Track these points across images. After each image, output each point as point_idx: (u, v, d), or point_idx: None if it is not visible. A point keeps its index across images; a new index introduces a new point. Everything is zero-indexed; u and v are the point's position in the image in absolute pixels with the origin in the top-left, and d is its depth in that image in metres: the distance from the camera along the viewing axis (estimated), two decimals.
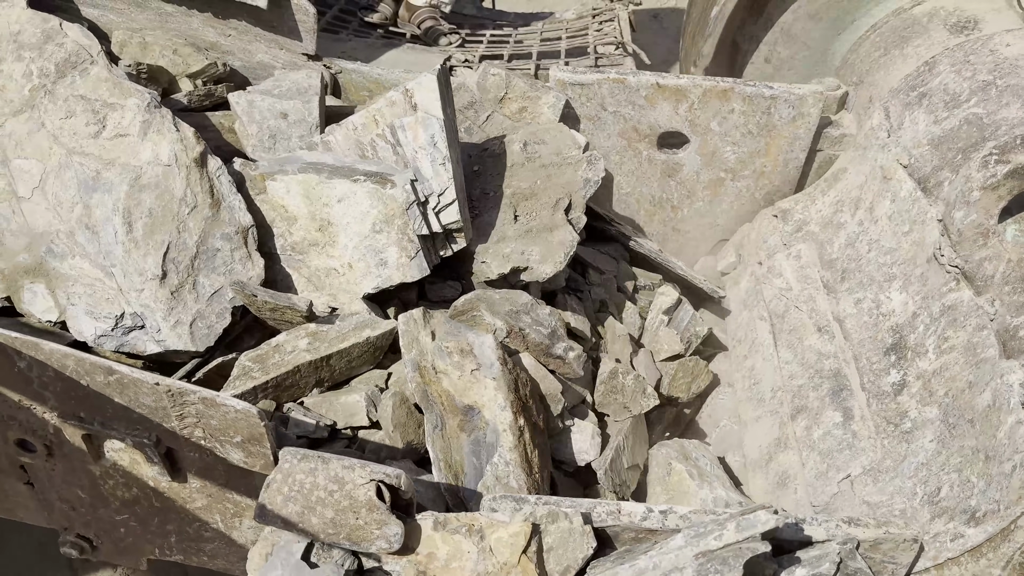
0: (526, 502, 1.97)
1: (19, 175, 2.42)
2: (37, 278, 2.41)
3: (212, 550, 2.34)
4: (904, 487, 2.19)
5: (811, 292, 2.84)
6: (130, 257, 2.35)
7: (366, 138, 2.59)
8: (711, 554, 1.70)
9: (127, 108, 2.41)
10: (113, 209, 2.36)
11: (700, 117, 3.23)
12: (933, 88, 2.85)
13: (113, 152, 2.40)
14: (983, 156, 2.43)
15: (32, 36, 2.50)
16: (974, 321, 2.29)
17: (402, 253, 2.51)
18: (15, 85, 2.47)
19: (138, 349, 2.39)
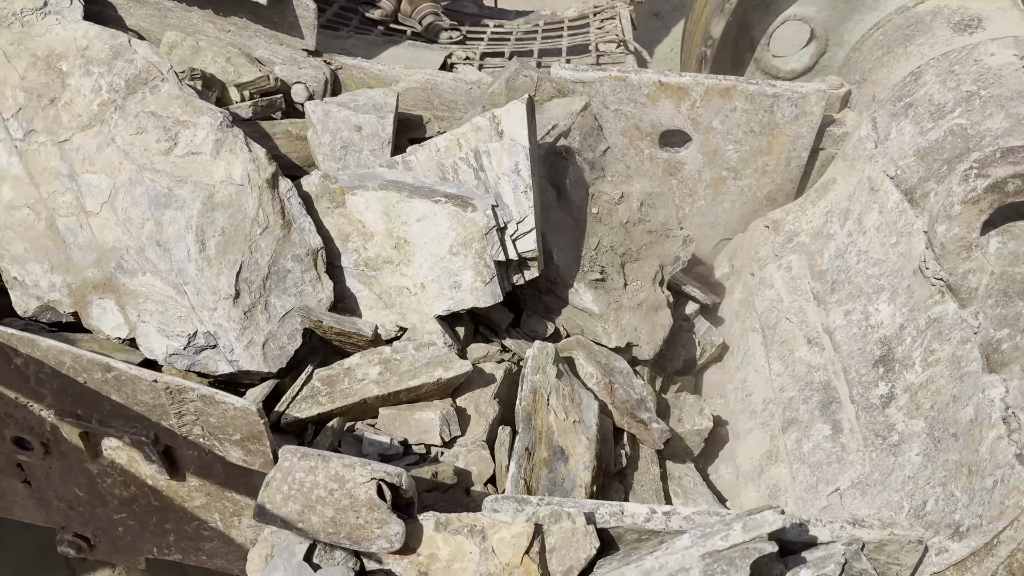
0: (528, 503, 1.96)
1: (88, 190, 2.40)
2: (106, 293, 2.39)
3: (211, 549, 2.33)
4: (891, 500, 2.20)
5: (801, 303, 2.84)
6: (203, 275, 2.33)
7: (448, 160, 2.57)
8: (718, 554, 1.69)
9: (199, 126, 2.41)
10: (186, 227, 2.35)
11: (702, 115, 3.21)
12: (919, 98, 2.84)
13: (185, 170, 2.39)
14: (964, 170, 2.43)
15: (101, 51, 2.50)
16: (958, 334, 2.29)
17: (477, 277, 2.51)
18: (84, 100, 2.45)
19: (209, 369, 2.37)
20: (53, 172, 2.43)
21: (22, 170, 2.45)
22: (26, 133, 2.46)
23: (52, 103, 2.46)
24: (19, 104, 2.47)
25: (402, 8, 4.52)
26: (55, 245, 2.43)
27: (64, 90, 2.47)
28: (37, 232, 2.44)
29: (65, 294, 2.42)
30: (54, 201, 2.43)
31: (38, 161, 2.44)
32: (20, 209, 2.44)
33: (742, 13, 3.77)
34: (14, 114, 2.47)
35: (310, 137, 2.82)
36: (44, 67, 2.50)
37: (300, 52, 3.41)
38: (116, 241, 2.39)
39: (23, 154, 2.45)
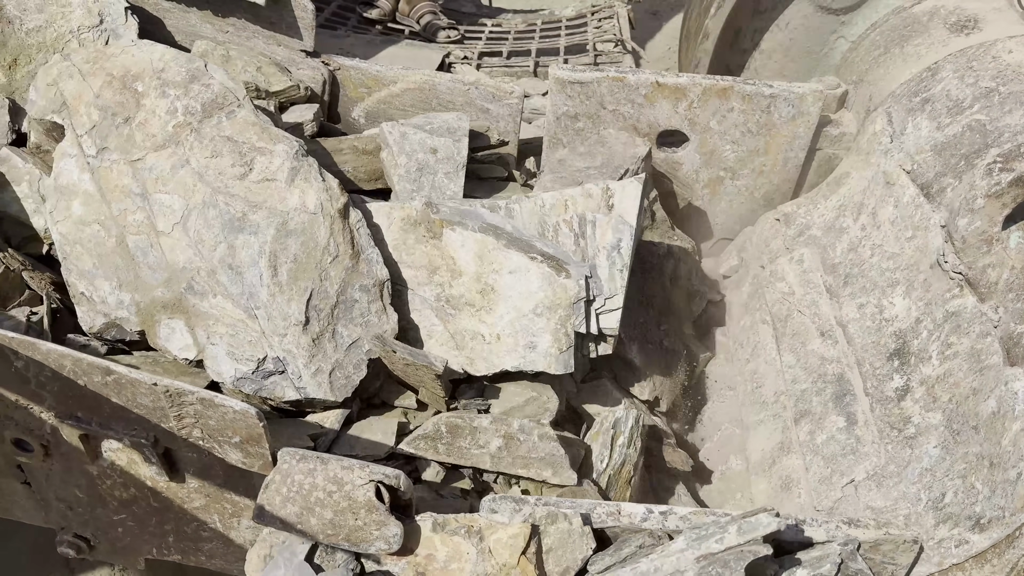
0: (525, 503, 1.97)
1: (160, 210, 2.42)
2: (175, 314, 2.40)
3: (210, 550, 2.33)
4: (908, 492, 2.19)
5: (814, 296, 2.83)
6: (275, 301, 2.34)
7: (551, 219, 2.55)
8: (712, 557, 1.70)
9: (275, 154, 2.43)
10: (259, 252, 2.36)
11: (699, 115, 3.22)
12: (936, 94, 2.84)
13: (260, 195, 2.40)
14: (987, 164, 2.43)
15: (177, 75, 2.53)
16: (978, 328, 2.29)
17: (554, 344, 2.47)
18: (159, 121, 2.48)
19: (276, 395, 2.36)
20: (125, 190, 2.45)
21: (93, 187, 2.47)
22: (99, 150, 2.48)
23: (126, 122, 2.49)
24: (93, 121, 2.50)
25: (400, 8, 4.52)
26: (124, 263, 2.44)
27: (139, 110, 2.50)
28: (107, 249, 2.45)
29: (133, 312, 2.42)
30: (125, 219, 2.44)
31: (110, 178, 2.46)
32: (90, 225, 2.46)
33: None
34: (88, 131, 2.50)
35: (384, 158, 2.82)
36: (120, 86, 2.53)
37: (298, 53, 3.42)
38: (187, 262, 2.39)
39: (95, 171, 2.47)
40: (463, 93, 3.39)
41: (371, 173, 2.90)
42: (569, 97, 3.27)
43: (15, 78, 3.01)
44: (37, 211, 2.75)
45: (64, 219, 2.48)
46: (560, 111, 3.31)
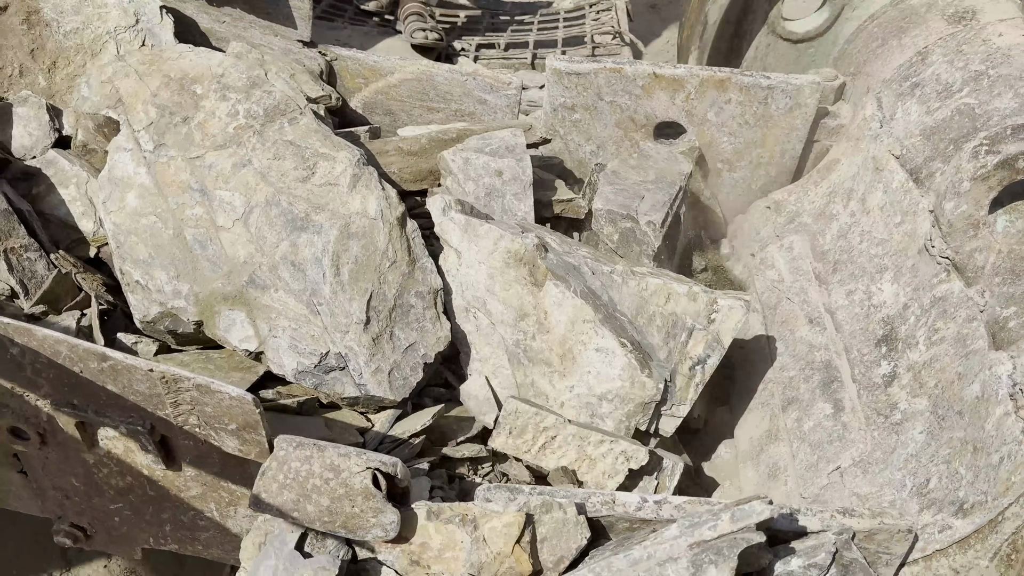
0: (520, 492, 1.98)
1: (220, 206, 2.47)
2: (236, 305, 2.44)
3: (207, 539, 2.34)
4: (894, 479, 2.20)
5: (803, 284, 2.84)
6: (337, 299, 2.39)
7: (649, 305, 2.53)
8: (705, 544, 1.70)
9: (338, 160, 2.52)
10: (323, 251, 2.42)
11: (697, 107, 3.22)
12: (926, 78, 2.84)
13: (323, 198, 2.47)
14: (974, 147, 2.43)
15: (237, 80, 2.63)
16: (964, 312, 2.29)
17: (616, 432, 2.51)
18: (219, 122, 2.55)
19: (336, 391, 2.41)
20: (183, 185, 2.50)
21: (150, 180, 2.52)
22: (156, 146, 2.54)
23: (185, 121, 2.56)
24: (151, 119, 2.57)
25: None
26: (182, 254, 2.47)
27: (198, 111, 2.58)
28: (163, 239, 2.48)
29: (191, 302, 2.45)
30: (183, 213, 2.49)
31: (167, 174, 2.52)
32: (146, 216, 2.50)
33: None
34: (145, 127, 2.57)
35: (450, 185, 2.84)
36: (177, 88, 2.61)
37: (295, 43, 3.41)
38: (248, 257, 2.44)
39: (151, 165, 2.52)
40: (461, 84, 3.39)
41: (416, 174, 2.93)
42: (566, 88, 3.27)
43: (54, 81, 3.06)
44: (85, 214, 2.79)
45: (118, 210, 2.52)
46: (557, 102, 3.31)
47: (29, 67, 3.00)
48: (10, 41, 2.97)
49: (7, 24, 2.95)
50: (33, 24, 2.99)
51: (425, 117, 3.46)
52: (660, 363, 2.48)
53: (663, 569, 1.67)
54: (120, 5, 3.05)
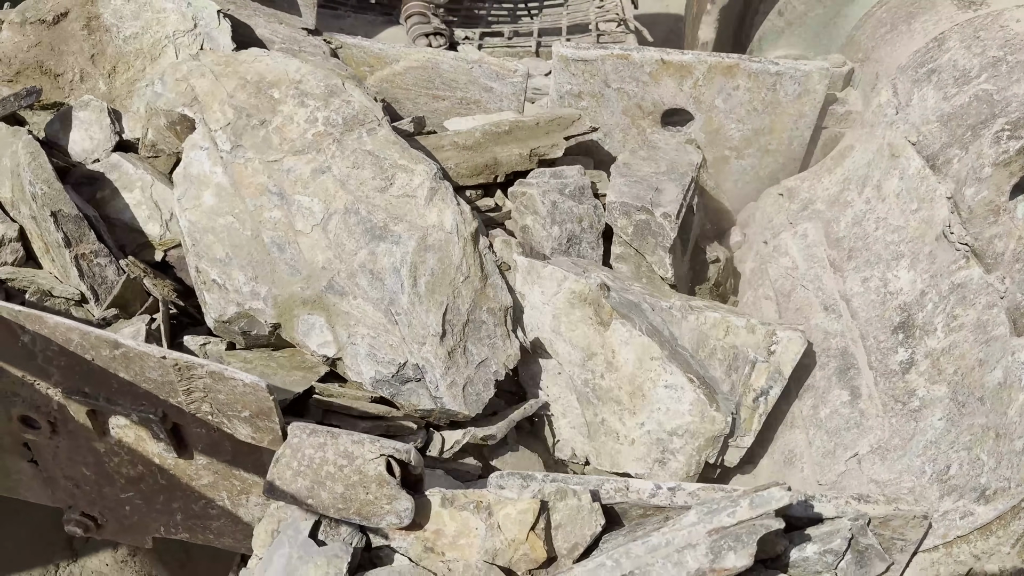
0: (533, 479, 1.97)
1: (299, 211, 2.47)
2: (316, 310, 2.42)
3: (218, 528, 2.33)
4: (913, 465, 2.19)
5: (817, 271, 2.82)
6: (414, 309, 2.38)
7: (709, 340, 2.55)
8: (724, 531, 1.70)
9: (416, 173, 2.53)
10: (401, 261, 2.42)
11: (705, 94, 3.20)
12: (942, 64, 2.82)
13: (401, 209, 2.48)
14: (995, 132, 2.41)
15: (316, 88, 2.64)
16: (984, 299, 2.28)
17: (685, 467, 2.54)
18: (297, 128, 2.56)
19: (412, 402, 2.38)
20: (260, 188, 2.50)
21: (226, 180, 2.51)
22: (233, 147, 2.54)
23: (262, 124, 2.57)
24: (228, 119, 2.57)
25: None
26: (260, 256, 2.46)
27: (275, 115, 2.58)
28: (241, 240, 2.47)
29: (269, 304, 2.44)
30: (260, 215, 2.48)
31: (244, 175, 2.51)
32: (223, 216, 2.49)
33: None
34: (222, 127, 2.57)
35: (531, 224, 2.82)
36: (254, 90, 2.62)
37: (299, 31, 3.39)
38: (326, 262, 2.43)
39: (228, 165, 2.52)
40: (466, 72, 3.37)
41: (472, 169, 2.92)
42: (573, 75, 3.25)
43: (114, 85, 3.08)
44: (151, 218, 2.78)
45: (194, 208, 2.51)
46: (563, 89, 3.29)
47: (90, 72, 3.03)
48: (71, 47, 3.00)
49: (67, 30, 2.98)
50: (93, 29, 3.01)
51: (430, 105, 3.43)
52: (725, 396, 2.52)
53: (681, 555, 1.67)
54: (178, 10, 3.07)
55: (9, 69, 3.03)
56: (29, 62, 3.01)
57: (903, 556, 2.04)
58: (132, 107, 3.06)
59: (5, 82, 3.05)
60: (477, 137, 2.94)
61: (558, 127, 3.02)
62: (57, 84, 3.06)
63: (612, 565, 1.69)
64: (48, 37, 2.99)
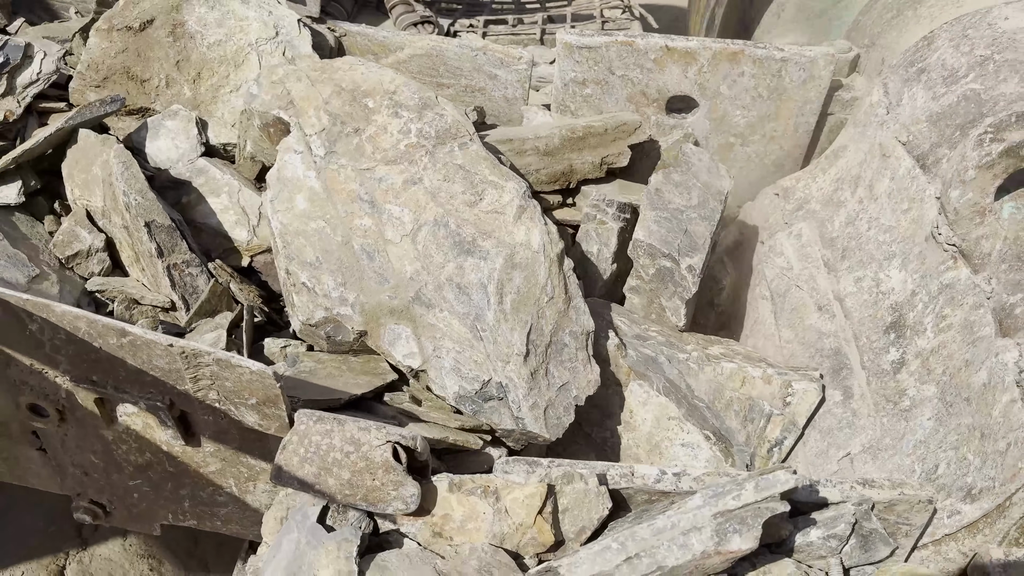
0: (539, 464, 1.99)
1: (390, 220, 2.47)
2: (402, 321, 2.41)
3: (226, 514, 2.35)
4: (903, 464, 2.21)
5: (812, 271, 2.83)
6: (500, 327, 2.36)
7: (726, 391, 2.56)
8: (730, 514, 1.71)
9: (506, 190, 2.52)
10: (488, 277, 2.40)
11: (710, 80, 3.19)
12: (931, 64, 2.82)
13: (489, 225, 2.47)
14: (978, 135, 2.41)
15: (409, 99, 2.65)
16: (971, 299, 2.29)
17: None
18: (390, 138, 2.58)
19: (493, 421, 2.34)
20: (352, 195, 2.50)
21: (319, 185, 2.52)
22: (327, 152, 2.55)
23: (356, 132, 2.58)
24: (323, 125, 2.59)
25: None
26: (349, 262, 2.46)
27: (369, 124, 2.60)
28: (332, 245, 2.47)
29: (357, 311, 2.43)
30: (351, 221, 2.48)
31: (337, 181, 2.52)
32: (315, 220, 2.50)
33: None
34: (317, 132, 2.58)
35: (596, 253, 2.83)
36: (349, 98, 2.63)
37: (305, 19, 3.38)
38: (414, 273, 2.42)
39: (321, 171, 2.53)
40: (471, 59, 3.37)
41: (550, 176, 2.95)
42: (577, 63, 3.25)
43: (199, 91, 3.13)
44: (238, 223, 2.82)
45: (286, 210, 2.52)
46: (568, 77, 3.29)
47: (175, 78, 3.08)
48: (156, 53, 3.06)
49: (153, 37, 3.04)
50: (178, 37, 3.07)
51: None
52: (740, 447, 2.54)
53: (687, 538, 1.68)
54: (260, 18, 3.13)
55: (97, 75, 3.09)
56: (116, 68, 3.08)
57: (908, 540, 2.05)
58: (217, 113, 3.11)
59: (93, 87, 3.11)
60: (556, 143, 2.95)
61: (623, 134, 3.04)
62: (143, 90, 3.12)
63: (618, 548, 1.70)
64: (134, 43, 3.06)
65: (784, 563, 1.90)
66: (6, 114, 2.85)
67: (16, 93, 2.91)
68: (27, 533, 3.60)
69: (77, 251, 2.77)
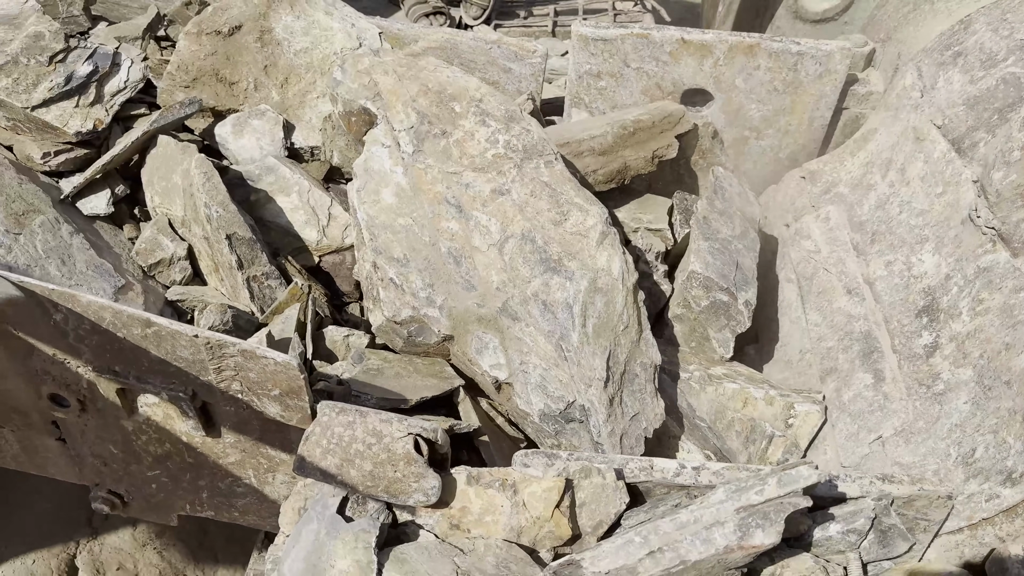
0: (558, 458, 1.98)
1: (477, 227, 2.47)
2: (490, 330, 2.41)
3: (244, 505, 2.36)
4: (937, 448, 2.20)
5: (840, 254, 2.82)
6: (583, 349, 2.35)
7: (726, 414, 2.55)
8: (752, 508, 1.71)
9: (591, 215, 2.51)
10: (574, 298, 2.39)
11: (725, 74, 3.18)
12: (968, 47, 2.79)
13: (574, 246, 2.47)
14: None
15: (496, 110, 2.65)
16: (1011, 283, 2.27)
17: None
18: (477, 145, 2.58)
19: (573, 442, 2.34)
20: (439, 196, 2.50)
21: (406, 182, 2.54)
22: (415, 151, 2.55)
23: (443, 135, 2.58)
24: (411, 122, 2.60)
25: None
26: (437, 264, 2.45)
27: (455, 128, 2.60)
28: (419, 244, 2.47)
29: (444, 315, 2.41)
30: (438, 223, 2.48)
31: (424, 180, 2.53)
32: (403, 217, 2.50)
33: None
34: (405, 129, 2.59)
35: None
36: (436, 99, 2.64)
37: None
38: (500, 284, 2.41)
39: (408, 168, 2.54)
40: (485, 52, 3.36)
41: (607, 176, 2.92)
42: (592, 55, 3.24)
43: (287, 96, 3.20)
44: (308, 223, 2.83)
45: (372, 202, 2.53)
46: (583, 69, 3.28)
47: (263, 82, 3.16)
48: (245, 58, 3.14)
49: (242, 42, 3.13)
50: (266, 43, 3.15)
51: None
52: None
53: (710, 532, 1.68)
54: (344, 29, 3.19)
55: (187, 75, 3.16)
56: (206, 69, 3.16)
57: (926, 536, 2.04)
58: (304, 117, 3.17)
59: (182, 87, 3.18)
60: (610, 141, 2.93)
61: (669, 125, 3.01)
62: (232, 92, 3.19)
63: (640, 542, 1.70)
64: (223, 47, 3.13)
65: (802, 557, 1.90)
66: (96, 122, 2.89)
67: (104, 101, 2.95)
68: (38, 522, 3.62)
69: (159, 259, 2.80)
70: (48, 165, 2.86)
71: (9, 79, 2.83)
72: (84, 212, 2.85)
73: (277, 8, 3.19)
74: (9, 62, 2.85)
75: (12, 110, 2.84)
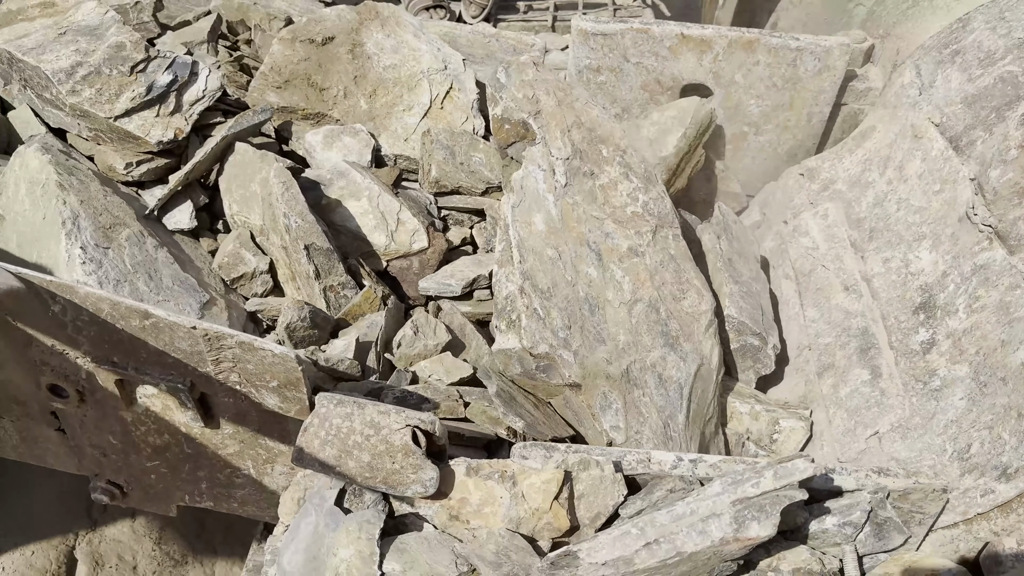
0: (556, 450, 1.99)
1: (611, 280, 2.48)
2: (615, 389, 2.35)
3: (243, 496, 2.36)
4: (933, 444, 2.21)
5: (838, 251, 2.83)
6: (685, 432, 2.35)
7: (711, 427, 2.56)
8: (748, 501, 1.71)
9: (705, 299, 2.55)
10: (685, 379, 2.41)
11: (724, 69, 3.18)
12: (967, 45, 2.80)
13: (689, 327, 2.50)
14: (1021, 114, 2.40)
15: (637, 166, 2.69)
16: (1007, 280, 2.28)
17: None
18: (620, 197, 2.64)
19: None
20: (581, 237, 2.52)
21: (556, 213, 2.54)
22: (567, 183, 2.57)
23: (591, 176, 2.61)
24: (567, 153, 2.62)
25: None
26: (574, 306, 2.41)
27: (601, 172, 2.64)
28: (562, 280, 2.43)
29: (577, 361, 2.31)
30: (579, 265, 2.48)
31: (571, 216, 2.54)
32: (551, 248, 2.49)
33: None
34: (562, 158, 2.60)
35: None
36: (587, 136, 2.68)
37: (317, 3, 3.38)
38: (626, 345, 2.40)
39: (559, 199, 2.55)
40: (484, 45, 3.36)
41: (676, 193, 3.01)
42: (592, 49, 3.24)
43: (375, 106, 3.27)
44: (377, 228, 2.85)
45: (524, 224, 2.50)
46: (582, 64, 3.28)
47: (352, 91, 3.25)
48: (335, 67, 3.23)
49: (334, 53, 3.23)
50: (357, 55, 3.24)
51: None
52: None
53: (706, 524, 1.69)
54: (431, 51, 3.26)
55: (279, 77, 3.23)
56: (299, 73, 3.24)
57: (921, 529, 2.05)
58: (391, 127, 3.23)
59: (274, 88, 3.25)
60: (673, 163, 3.01)
61: (704, 130, 3.12)
62: (322, 97, 3.27)
63: (637, 533, 1.71)
64: (316, 55, 3.22)
65: (798, 550, 1.91)
66: (176, 131, 2.91)
67: (184, 110, 2.97)
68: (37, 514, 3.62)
69: (242, 273, 2.82)
70: (131, 175, 2.89)
71: (92, 89, 2.83)
72: (168, 227, 2.85)
73: (369, 26, 3.28)
74: (92, 73, 2.85)
75: (95, 120, 2.84)
